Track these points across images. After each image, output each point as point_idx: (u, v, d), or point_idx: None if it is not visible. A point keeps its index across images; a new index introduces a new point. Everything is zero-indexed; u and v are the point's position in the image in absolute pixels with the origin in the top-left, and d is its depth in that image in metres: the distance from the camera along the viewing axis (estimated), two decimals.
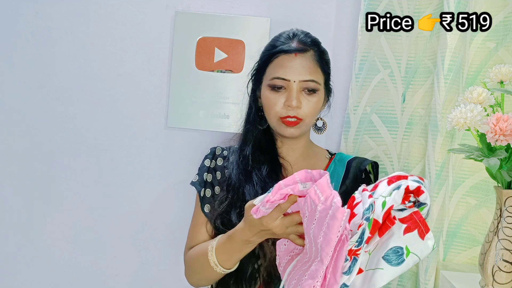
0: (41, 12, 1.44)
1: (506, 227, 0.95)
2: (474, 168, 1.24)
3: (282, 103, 1.08)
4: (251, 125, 1.15)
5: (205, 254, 1.03)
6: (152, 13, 1.43)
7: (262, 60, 1.13)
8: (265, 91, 1.11)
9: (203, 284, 1.11)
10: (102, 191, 1.46)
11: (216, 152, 1.17)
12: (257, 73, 1.15)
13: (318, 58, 1.10)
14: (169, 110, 1.42)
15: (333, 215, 0.80)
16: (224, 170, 1.14)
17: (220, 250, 1.02)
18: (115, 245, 1.47)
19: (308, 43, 1.11)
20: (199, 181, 1.13)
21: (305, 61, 1.08)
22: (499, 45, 1.20)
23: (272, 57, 1.10)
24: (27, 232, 1.48)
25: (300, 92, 1.08)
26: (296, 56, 1.08)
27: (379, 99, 1.32)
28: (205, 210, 1.11)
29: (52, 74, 1.45)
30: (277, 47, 1.10)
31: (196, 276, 1.09)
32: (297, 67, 1.07)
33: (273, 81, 1.08)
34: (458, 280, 1.09)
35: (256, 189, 1.08)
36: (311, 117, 1.10)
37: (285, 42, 1.10)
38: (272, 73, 1.09)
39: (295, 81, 1.07)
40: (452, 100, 1.14)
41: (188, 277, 1.12)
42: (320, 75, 1.11)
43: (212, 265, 1.02)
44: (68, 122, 1.46)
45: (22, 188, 1.47)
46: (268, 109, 1.10)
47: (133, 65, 1.44)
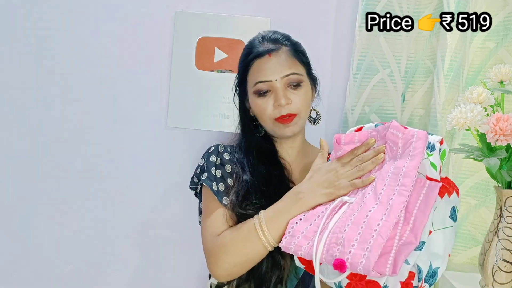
0: (41, 12, 1.44)
1: (506, 227, 0.95)
2: (474, 168, 1.24)
3: (271, 105, 1.08)
4: (248, 135, 1.16)
5: (249, 227, 0.98)
6: (152, 13, 1.43)
7: (240, 71, 1.14)
8: (253, 99, 1.11)
9: (236, 272, 1.00)
10: (102, 191, 1.46)
11: (219, 149, 1.16)
12: (240, 85, 1.16)
13: (293, 52, 1.11)
14: (169, 110, 1.42)
15: (419, 137, 0.88)
16: (232, 164, 1.13)
17: (270, 214, 0.98)
18: (115, 245, 1.47)
19: (278, 40, 1.11)
20: (209, 176, 1.10)
21: (281, 58, 1.09)
22: (499, 45, 1.20)
23: (249, 65, 1.10)
24: (27, 232, 1.48)
25: (286, 89, 1.08)
26: (270, 56, 1.09)
27: (379, 99, 1.32)
28: (224, 202, 1.07)
29: (52, 74, 1.45)
30: (250, 54, 1.11)
31: (232, 259, 0.99)
32: (274, 66, 1.08)
33: (256, 87, 1.09)
34: (458, 280, 1.09)
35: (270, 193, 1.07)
36: (304, 110, 1.11)
37: (257, 47, 1.11)
38: (253, 80, 1.10)
39: (277, 80, 1.07)
40: (452, 100, 1.14)
41: (220, 265, 1.00)
42: (300, 67, 1.11)
43: (260, 235, 0.96)
44: (68, 122, 1.46)
45: (22, 188, 1.47)
46: (260, 115, 1.11)
47: (133, 65, 1.44)
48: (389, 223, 0.80)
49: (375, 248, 0.78)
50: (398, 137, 0.91)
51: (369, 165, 0.95)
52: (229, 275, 1.01)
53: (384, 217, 0.81)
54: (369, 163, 0.95)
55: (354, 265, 0.78)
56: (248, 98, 1.13)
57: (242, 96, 1.16)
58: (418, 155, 0.86)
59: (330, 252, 0.82)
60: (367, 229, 0.81)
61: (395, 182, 0.86)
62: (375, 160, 0.94)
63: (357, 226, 0.82)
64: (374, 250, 0.78)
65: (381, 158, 0.93)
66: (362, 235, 0.80)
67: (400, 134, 0.91)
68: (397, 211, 0.81)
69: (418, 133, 0.89)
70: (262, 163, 1.12)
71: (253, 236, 0.97)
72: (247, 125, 1.17)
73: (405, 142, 0.90)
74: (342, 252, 0.80)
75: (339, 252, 0.81)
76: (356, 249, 0.79)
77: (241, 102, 1.17)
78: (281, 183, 1.11)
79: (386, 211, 0.82)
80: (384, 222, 0.81)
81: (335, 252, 0.81)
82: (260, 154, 1.13)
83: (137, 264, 1.47)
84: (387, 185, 0.87)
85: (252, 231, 0.98)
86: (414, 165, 0.85)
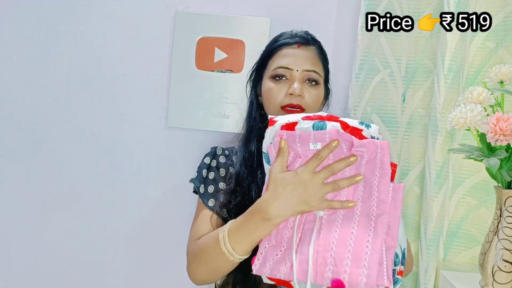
0: (41, 12, 1.44)
1: (506, 227, 0.95)
2: (474, 168, 1.24)
3: (284, 92, 1.08)
4: (253, 121, 1.14)
5: (215, 238, 0.93)
6: (152, 13, 1.43)
7: (263, 55, 1.15)
8: (267, 83, 1.11)
9: (209, 278, 1.00)
10: (102, 191, 1.46)
11: (216, 151, 1.16)
12: (258, 69, 1.15)
13: (320, 53, 1.13)
14: (169, 110, 1.43)
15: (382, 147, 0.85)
16: (228, 167, 1.13)
17: (233, 230, 0.91)
18: (115, 245, 1.47)
19: (309, 39, 1.13)
20: (198, 178, 1.12)
21: (308, 53, 1.10)
22: (499, 45, 1.20)
23: (275, 51, 1.11)
24: (27, 232, 1.48)
25: (303, 83, 1.09)
26: (299, 47, 1.10)
27: (379, 99, 1.32)
28: (209, 204, 1.07)
29: (52, 74, 1.45)
30: (279, 41, 1.12)
31: (203, 267, 0.97)
32: (300, 57, 1.09)
33: (275, 71, 1.09)
34: (458, 280, 1.09)
35: (261, 186, 1.04)
36: (312, 109, 1.09)
37: (287, 37, 1.13)
38: (275, 64, 1.10)
39: (298, 70, 1.08)
40: (452, 100, 1.14)
41: (193, 270, 1.00)
42: (322, 69, 1.12)
43: (223, 250, 0.91)
44: (68, 122, 1.46)
45: (22, 188, 1.47)
46: (269, 99, 1.09)
47: (133, 65, 1.44)
48: (379, 239, 0.80)
49: (373, 264, 0.78)
50: (363, 152, 0.85)
51: (345, 183, 0.85)
52: (204, 280, 1.00)
53: (371, 233, 0.81)
54: (345, 182, 0.85)
55: (353, 284, 0.78)
56: (262, 83, 1.13)
57: (255, 81, 1.16)
58: (388, 170, 0.84)
59: (321, 273, 0.80)
60: (357, 246, 0.80)
61: (370, 196, 0.85)
62: (352, 181, 0.85)
63: (344, 243, 0.80)
64: (373, 267, 0.78)
65: (359, 180, 0.85)
66: (354, 253, 0.79)
67: (365, 149, 0.85)
68: (382, 226, 0.82)
69: (381, 144, 0.84)
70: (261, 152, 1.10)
71: (217, 248, 0.92)
72: (254, 112, 1.15)
73: (370, 155, 0.85)
74: (335, 272, 0.79)
75: (332, 272, 0.79)
76: (351, 267, 0.78)
77: (253, 86, 1.17)
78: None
79: (371, 227, 0.82)
80: (373, 239, 0.80)
81: (327, 272, 0.79)
82: (261, 143, 1.12)
83: (137, 264, 1.47)
84: (361, 199, 0.85)
85: (217, 244, 0.93)
86: (386, 181, 0.84)
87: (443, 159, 1.15)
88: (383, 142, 0.85)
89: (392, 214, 0.83)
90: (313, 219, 0.86)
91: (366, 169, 0.86)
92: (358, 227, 0.82)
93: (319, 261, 0.81)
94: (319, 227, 0.84)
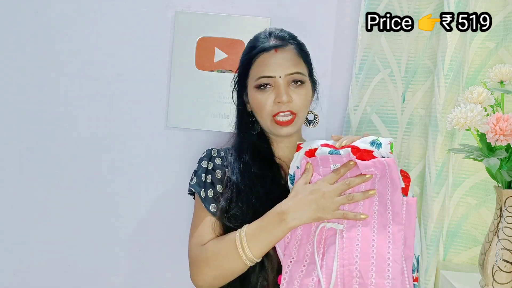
0: (41, 12, 1.44)
1: (506, 227, 0.95)
2: (474, 168, 1.24)
3: (271, 101, 1.06)
4: (244, 132, 1.14)
5: (231, 242, 0.98)
6: (152, 13, 1.43)
7: (243, 64, 1.12)
8: (252, 93, 1.09)
9: (216, 284, 1.02)
10: (102, 191, 1.46)
11: (212, 153, 1.15)
12: (240, 78, 1.13)
13: (299, 51, 1.10)
14: (169, 110, 1.42)
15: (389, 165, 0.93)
16: (224, 169, 1.12)
17: (251, 233, 0.97)
18: (114, 245, 1.47)
19: (285, 38, 1.10)
20: (198, 182, 1.10)
21: (287, 55, 1.07)
22: (499, 45, 1.20)
23: (253, 59, 1.09)
24: (27, 232, 1.48)
25: (288, 87, 1.07)
26: (276, 52, 1.07)
27: (379, 99, 1.32)
28: (211, 209, 1.07)
29: (52, 74, 1.45)
30: (255, 48, 1.09)
31: (213, 272, 0.99)
32: (280, 62, 1.06)
33: (258, 81, 1.07)
34: (458, 280, 1.09)
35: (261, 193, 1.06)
36: (303, 110, 1.09)
37: (263, 41, 1.09)
38: (256, 74, 1.08)
39: (280, 77, 1.06)
40: (452, 100, 1.14)
41: (200, 277, 1.01)
42: (304, 67, 1.10)
43: (240, 253, 0.96)
44: (68, 122, 1.45)
45: (21, 188, 1.47)
46: (259, 110, 1.09)
47: (133, 65, 1.44)
48: (398, 250, 0.87)
49: (396, 274, 0.85)
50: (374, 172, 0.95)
51: (359, 196, 0.95)
52: (210, 286, 1.02)
53: (391, 245, 0.88)
54: (360, 195, 0.95)
55: None
56: (248, 93, 1.12)
57: (241, 90, 1.14)
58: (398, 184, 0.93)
59: (349, 285, 0.87)
60: (379, 258, 0.87)
61: (385, 210, 0.92)
62: (366, 195, 0.95)
63: (367, 256, 0.87)
64: (396, 277, 0.85)
65: (372, 194, 0.95)
66: (377, 265, 0.86)
67: (373, 169, 0.94)
68: (399, 237, 0.88)
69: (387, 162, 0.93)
70: (255, 162, 1.10)
71: (234, 252, 0.97)
72: (244, 120, 1.15)
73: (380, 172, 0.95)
74: (362, 284, 0.86)
75: (358, 284, 0.86)
76: (376, 278, 0.85)
77: (239, 96, 1.15)
78: (275, 183, 1.09)
79: (389, 239, 0.89)
80: (393, 250, 0.88)
81: (354, 284, 0.87)
82: (254, 153, 1.11)
83: (137, 264, 1.47)
84: (377, 213, 0.93)
85: (233, 247, 0.97)
86: (398, 194, 0.92)
87: (443, 159, 1.15)
88: (389, 159, 0.93)
89: (407, 227, 0.90)
90: (333, 233, 0.93)
91: (380, 185, 0.94)
92: (378, 240, 0.89)
93: (345, 274, 0.88)
94: (340, 242, 0.91)
